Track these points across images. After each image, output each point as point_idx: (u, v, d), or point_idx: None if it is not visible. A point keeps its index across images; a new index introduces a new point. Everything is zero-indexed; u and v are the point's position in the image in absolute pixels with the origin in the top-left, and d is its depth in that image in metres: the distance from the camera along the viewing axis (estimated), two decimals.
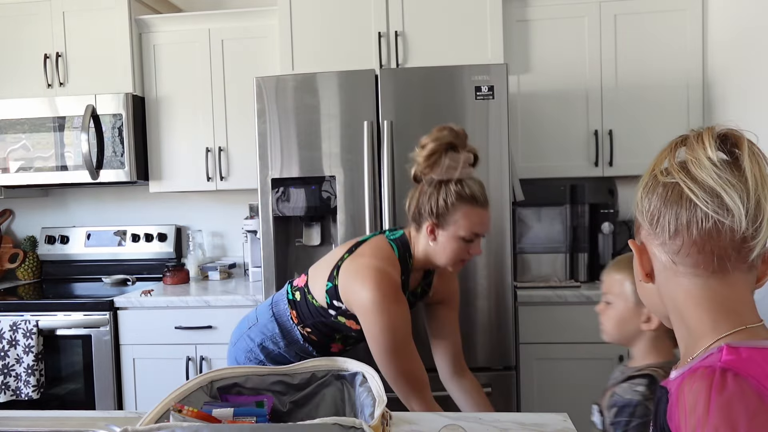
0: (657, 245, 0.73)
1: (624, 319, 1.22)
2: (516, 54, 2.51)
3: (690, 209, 0.68)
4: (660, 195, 0.71)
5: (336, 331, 1.50)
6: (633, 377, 1.14)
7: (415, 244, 1.47)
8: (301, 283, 1.54)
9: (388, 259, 1.42)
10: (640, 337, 1.20)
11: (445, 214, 1.39)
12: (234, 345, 1.61)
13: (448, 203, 1.38)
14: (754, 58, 2.14)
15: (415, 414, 1.26)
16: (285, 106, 2.12)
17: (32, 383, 2.34)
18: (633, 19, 2.47)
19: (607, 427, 1.15)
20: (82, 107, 2.59)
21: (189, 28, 2.66)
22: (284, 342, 1.52)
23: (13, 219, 3.17)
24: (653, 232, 0.72)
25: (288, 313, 1.52)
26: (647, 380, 1.11)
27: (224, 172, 2.67)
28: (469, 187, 1.39)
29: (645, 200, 0.73)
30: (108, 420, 1.20)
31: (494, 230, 2.07)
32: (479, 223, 1.40)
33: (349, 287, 1.41)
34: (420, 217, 1.44)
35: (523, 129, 2.52)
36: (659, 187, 0.71)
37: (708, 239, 0.68)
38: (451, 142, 1.40)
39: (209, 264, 2.87)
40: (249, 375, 0.98)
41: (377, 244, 1.47)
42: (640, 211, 0.74)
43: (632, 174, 2.50)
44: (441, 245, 1.42)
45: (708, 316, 0.70)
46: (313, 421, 0.73)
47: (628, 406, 1.10)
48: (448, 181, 1.40)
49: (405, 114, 2.08)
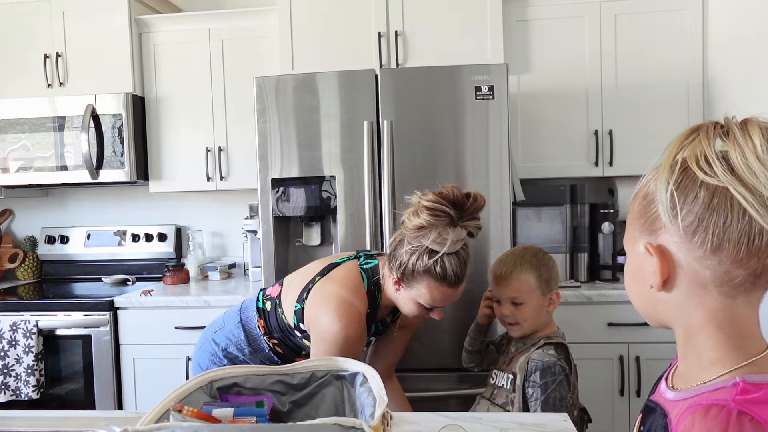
0: (692, 257, 0.63)
1: (538, 310, 1.45)
2: (516, 54, 2.51)
3: (742, 221, 0.59)
4: (703, 200, 0.61)
5: (302, 348, 1.50)
6: (544, 345, 1.41)
7: (385, 282, 1.43)
8: (275, 293, 1.53)
9: (355, 291, 1.40)
10: (546, 318, 1.48)
11: (411, 278, 1.33)
12: (199, 348, 1.60)
13: (416, 270, 1.31)
14: (754, 57, 2.14)
15: (415, 414, 1.26)
16: (285, 106, 2.12)
17: (32, 383, 2.34)
18: (633, 19, 2.47)
19: (528, 386, 1.39)
20: (82, 107, 2.59)
21: (189, 28, 2.66)
22: (249, 349, 1.52)
23: (13, 219, 3.17)
24: (688, 241, 0.62)
25: (255, 321, 1.52)
26: (554, 347, 1.42)
27: (224, 172, 2.67)
28: (446, 265, 1.29)
29: (681, 202, 0.62)
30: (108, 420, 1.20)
31: (494, 230, 2.07)
32: (441, 299, 1.34)
33: (312, 312, 1.40)
34: (392, 262, 1.37)
35: (523, 129, 2.52)
36: (700, 189, 0.61)
37: (755, 255, 0.59)
38: (451, 218, 1.28)
39: (209, 264, 2.87)
40: (249, 375, 0.98)
41: (348, 272, 1.43)
42: (668, 212, 0.63)
43: (632, 174, 2.50)
44: (403, 299, 1.39)
45: (727, 342, 0.64)
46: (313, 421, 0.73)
47: (549, 366, 1.38)
48: (428, 252, 1.30)
49: (405, 114, 2.08)
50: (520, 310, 1.45)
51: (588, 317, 2.24)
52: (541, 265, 1.46)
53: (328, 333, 1.35)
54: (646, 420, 0.72)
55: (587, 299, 2.23)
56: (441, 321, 1.82)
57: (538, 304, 1.45)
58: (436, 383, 2.06)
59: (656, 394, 0.74)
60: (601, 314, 2.23)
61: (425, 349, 2.07)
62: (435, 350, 2.08)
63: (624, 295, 2.17)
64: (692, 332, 0.67)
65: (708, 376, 0.64)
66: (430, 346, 2.08)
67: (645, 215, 0.68)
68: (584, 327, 2.22)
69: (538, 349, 1.42)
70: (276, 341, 1.51)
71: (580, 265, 2.46)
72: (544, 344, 1.42)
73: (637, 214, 0.70)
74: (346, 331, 1.34)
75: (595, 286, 2.34)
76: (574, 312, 2.23)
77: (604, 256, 2.46)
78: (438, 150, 2.07)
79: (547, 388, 1.37)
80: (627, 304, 2.18)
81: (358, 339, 1.38)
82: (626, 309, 2.20)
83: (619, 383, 2.24)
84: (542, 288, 1.45)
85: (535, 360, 1.40)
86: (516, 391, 1.41)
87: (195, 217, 3.05)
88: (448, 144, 2.06)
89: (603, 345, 2.24)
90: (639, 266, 0.70)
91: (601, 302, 2.23)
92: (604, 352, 2.24)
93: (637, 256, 0.71)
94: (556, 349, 1.42)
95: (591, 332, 2.23)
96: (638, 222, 0.69)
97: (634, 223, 0.71)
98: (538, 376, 1.38)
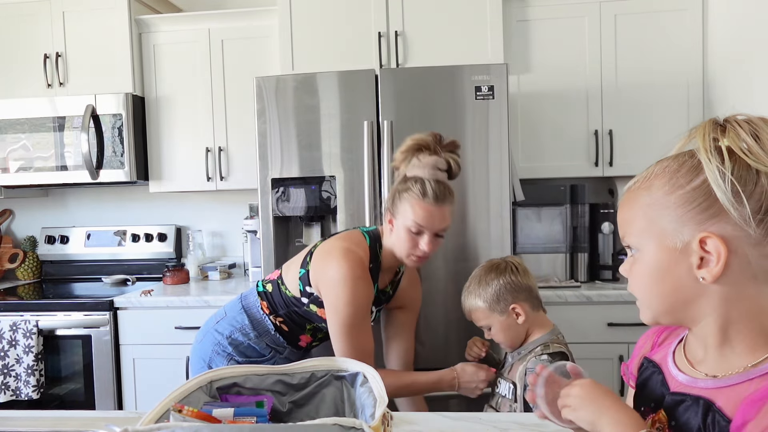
0: (750, 244, 0.65)
1: (507, 328, 1.43)
2: (516, 54, 2.51)
3: None
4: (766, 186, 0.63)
5: (307, 320, 1.54)
6: (541, 354, 1.38)
7: (384, 237, 1.53)
8: (274, 276, 1.59)
9: (359, 244, 1.49)
10: (522, 329, 1.44)
11: (397, 203, 1.46)
12: (199, 342, 1.62)
13: (401, 195, 1.45)
14: (754, 57, 2.14)
15: (415, 414, 1.26)
16: (285, 106, 2.12)
17: (32, 383, 2.34)
18: (633, 19, 2.47)
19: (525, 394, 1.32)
20: (82, 107, 2.59)
21: (189, 28, 2.65)
22: (254, 333, 1.55)
23: (13, 219, 3.17)
24: (750, 229, 0.64)
25: (258, 303, 1.56)
26: (549, 356, 1.37)
27: (224, 172, 2.67)
28: (426, 185, 1.43)
29: (746, 192, 0.63)
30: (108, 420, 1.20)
31: (494, 230, 2.07)
32: (423, 217, 1.42)
33: (319, 266, 1.46)
34: (386, 209, 1.51)
35: (523, 129, 2.52)
36: (758, 176, 0.64)
37: None
38: (426, 144, 1.45)
39: (209, 264, 2.87)
40: (248, 375, 0.98)
41: (350, 234, 1.54)
42: (731, 199, 0.64)
43: (632, 174, 2.48)
44: (396, 235, 1.47)
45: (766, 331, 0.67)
46: (314, 421, 0.73)
47: None
48: (411, 178, 1.45)
49: (405, 114, 2.08)
50: (493, 333, 1.46)
51: (588, 317, 2.24)
52: (485, 289, 1.43)
53: (337, 279, 1.41)
54: (675, 414, 0.71)
55: (587, 299, 2.23)
56: (440, 322, 1.81)
57: (502, 324, 1.43)
58: None
59: (679, 384, 0.73)
60: (601, 314, 2.23)
61: (425, 349, 2.07)
62: (435, 350, 2.08)
63: (624, 295, 2.17)
64: (731, 324, 0.68)
65: (751, 360, 0.66)
66: (430, 346, 2.08)
67: (689, 204, 0.67)
68: (584, 327, 2.22)
69: (533, 357, 1.40)
70: (281, 318, 1.54)
71: (579, 265, 2.46)
72: (541, 352, 1.39)
73: (675, 204, 0.68)
74: (353, 271, 1.41)
75: (595, 286, 2.34)
76: (573, 312, 2.23)
77: (603, 256, 2.46)
78: None
79: None
80: (627, 304, 2.18)
81: (367, 283, 1.44)
82: (626, 309, 2.20)
83: (619, 383, 2.24)
84: (497, 309, 1.42)
85: (530, 369, 1.37)
86: (518, 401, 1.40)
87: (195, 217, 3.05)
88: None
89: (603, 345, 2.24)
90: (662, 262, 0.70)
91: (601, 302, 2.23)
92: (604, 352, 2.24)
93: (661, 251, 0.70)
94: (552, 356, 1.38)
95: (591, 332, 2.23)
96: (676, 213, 0.68)
97: (665, 216, 0.69)
98: None
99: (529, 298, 1.44)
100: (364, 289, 1.43)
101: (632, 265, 0.75)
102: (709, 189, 0.65)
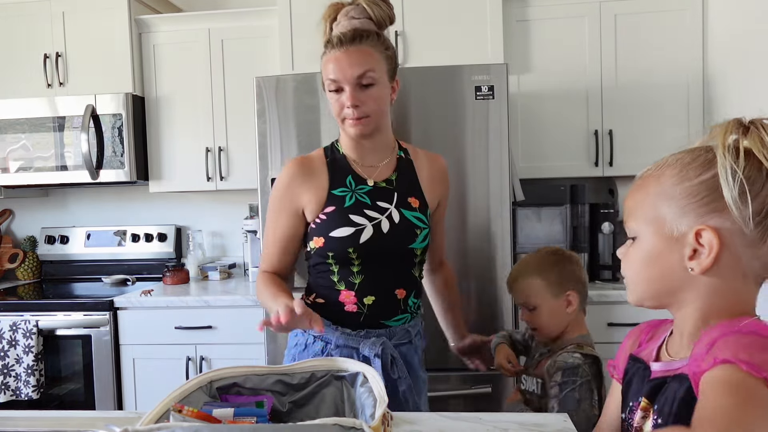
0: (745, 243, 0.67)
1: (554, 313, 1.41)
2: (516, 54, 2.51)
3: None
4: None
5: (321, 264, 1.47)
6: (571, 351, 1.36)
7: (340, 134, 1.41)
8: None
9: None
10: (566, 319, 1.42)
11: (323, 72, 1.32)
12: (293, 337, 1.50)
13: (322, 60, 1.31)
14: (754, 57, 2.14)
15: (415, 414, 1.26)
16: (285, 106, 2.12)
17: (32, 383, 2.34)
18: (633, 19, 2.47)
19: (551, 388, 1.34)
20: (82, 107, 2.59)
21: (189, 28, 2.65)
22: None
23: (13, 219, 3.17)
24: (747, 228, 0.66)
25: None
26: (582, 356, 1.35)
27: (224, 172, 2.67)
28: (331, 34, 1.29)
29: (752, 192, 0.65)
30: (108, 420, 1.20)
31: (494, 230, 2.07)
32: (332, 69, 1.26)
33: None
34: None
35: (523, 129, 2.52)
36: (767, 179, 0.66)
37: None
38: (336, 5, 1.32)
39: (209, 264, 2.87)
40: (248, 375, 0.98)
41: None
42: (737, 198, 0.65)
43: (632, 174, 2.48)
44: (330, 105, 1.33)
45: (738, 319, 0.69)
46: (314, 421, 0.73)
47: (573, 367, 1.32)
48: None
49: (405, 114, 2.08)
50: (535, 314, 1.42)
51: (588, 317, 2.22)
52: (548, 267, 1.41)
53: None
54: (654, 398, 0.73)
55: (587, 299, 2.22)
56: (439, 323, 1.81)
57: (551, 306, 1.40)
58: (437, 383, 2.06)
59: (656, 371, 0.75)
60: (601, 314, 2.23)
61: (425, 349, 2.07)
62: (436, 350, 2.08)
63: (624, 295, 2.17)
64: (712, 316, 0.70)
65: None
66: (430, 346, 2.08)
67: (694, 196, 0.69)
68: None
69: (565, 353, 1.37)
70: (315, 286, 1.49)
71: None
72: (574, 351, 1.37)
73: (680, 195, 0.70)
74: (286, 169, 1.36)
75: (595, 286, 2.34)
76: None
77: (604, 256, 2.46)
78: (438, 150, 2.05)
79: (567, 387, 1.31)
80: (627, 305, 2.17)
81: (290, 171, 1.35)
82: (626, 309, 2.20)
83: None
84: (552, 290, 1.40)
85: (559, 361, 1.36)
86: (548, 396, 1.37)
87: (195, 217, 3.05)
88: (448, 144, 2.06)
89: (602, 345, 2.23)
90: (657, 248, 0.72)
91: (601, 302, 2.23)
92: (603, 352, 2.22)
93: (657, 238, 0.72)
94: (585, 357, 1.35)
95: (591, 332, 2.22)
96: (679, 203, 0.70)
97: (668, 205, 0.71)
98: (559, 376, 1.33)
99: (582, 292, 1.44)
100: (281, 177, 1.36)
101: (628, 248, 0.78)
102: (715, 184, 0.67)
